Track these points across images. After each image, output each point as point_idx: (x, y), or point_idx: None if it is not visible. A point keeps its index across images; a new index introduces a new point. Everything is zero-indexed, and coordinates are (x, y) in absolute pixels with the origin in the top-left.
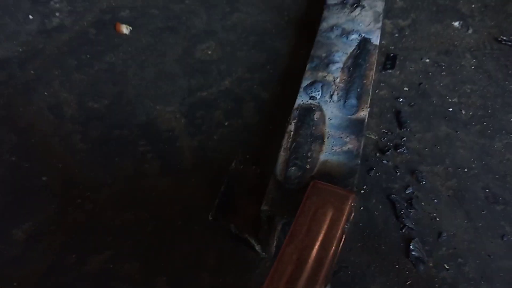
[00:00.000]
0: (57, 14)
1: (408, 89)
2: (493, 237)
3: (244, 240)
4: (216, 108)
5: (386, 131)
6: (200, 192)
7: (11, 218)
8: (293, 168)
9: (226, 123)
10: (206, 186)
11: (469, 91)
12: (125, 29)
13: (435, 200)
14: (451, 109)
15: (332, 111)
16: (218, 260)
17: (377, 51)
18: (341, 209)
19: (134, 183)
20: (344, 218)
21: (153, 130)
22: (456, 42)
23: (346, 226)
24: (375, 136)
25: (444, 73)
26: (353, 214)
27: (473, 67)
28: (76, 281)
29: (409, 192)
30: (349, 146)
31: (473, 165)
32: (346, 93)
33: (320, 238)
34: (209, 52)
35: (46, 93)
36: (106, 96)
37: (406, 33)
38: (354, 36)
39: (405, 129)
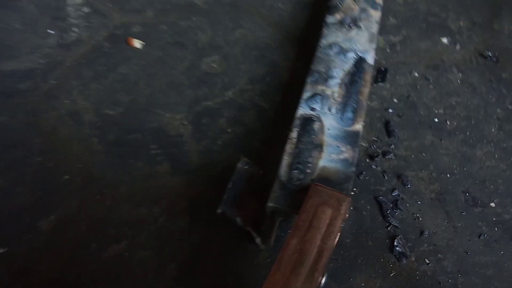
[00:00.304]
0: (74, 29)
1: (397, 101)
2: (471, 235)
3: (247, 233)
4: (220, 116)
5: (376, 139)
6: (205, 190)
7: (38, 212)
8: (295, 171)
9: (229, 130)
10: (211, 185)
11: (454, 103)
12: (137, 44)
13: (419, 202)
14: (436, 120)
15: (330, 123)
16: (221, 250)
17: (371, 69)
18: (338, 210)
19: (147, 181)
20: (341, 217)
21: (163, 135)
22: (444, 57)
23: (341, 225)
24: (365, 144)
25: (431, 86)
26: (348, 214)
27: (459, 81)
28: (97, 266)
29: (395, 194)
30: (345, 155)
31: (455, 171)
32: (343, 107)
33: (320, 233)
34: (214, 65)
35: (66, 101)
36: (121, 104)
37: (397, 48)
38: (351, 55)
39: (393, 137)
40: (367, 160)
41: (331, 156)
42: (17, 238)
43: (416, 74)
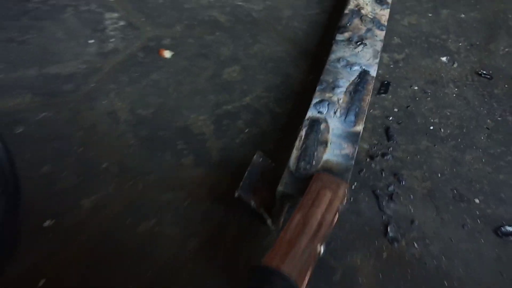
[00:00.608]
0: (112, 40)
1: (397, 110)
2: (456, 226)
3: (259, 215)
4: (238, 119)
5: (377, 142)
6: (223, 180)
7: (80, 192)
8: (302, 162)
9: (246, 130)
10: (229, 177)
11: (448, 114)
12: (167, 54)
13: (411, 196)
14: (432, 128)
15: (335, 124)
16: (237, 231)
17: (373, 81)
18: (337, 193)
19: (174, 171)
20: (338, 199)
21: (188, 133)
22: (442, 74)
23: (339, 206)
24: (367, 145)
25: (429, 98)
26: (346, 199)
27: (454, 95)
28: (130, 238)
29: (390, 189)
30: (346, 151)
31: (445, 172)
32: (346, 111)
33: (321, 210)
34: (234, 75)
35: (104, 102)
36: (152, 106)
37: (400, 65)
38: (356, 68)
39: (392, 141)
40: (368, 160)
41: (334, 152)
42: (63, 213)
43: (416, 88)
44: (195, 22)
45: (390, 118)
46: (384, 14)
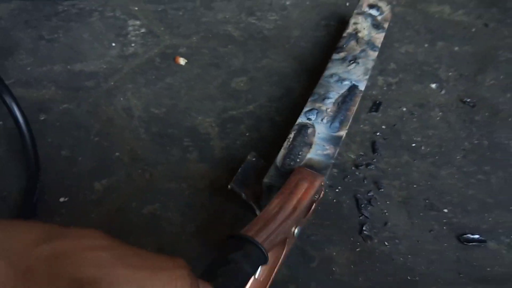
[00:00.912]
0: (132, 45)
1: (385, 127)
2: (424, 230)
3: (250, 206)
4: (242, 123)
5: (363, 154)
6: (223, 175)
7: (94, 176)
8: (287, 159)
9: (247, 134)
10: (228, 172)
11: (431, 134)
12: (182, 61)
13: (388, 202)
14: (414, 145)
15: (321, 129)
16: (231, 218)
17: (361, 94)
18: (313, 184)
19: (179, 164)
20: (314, 189)
21: (195, 132)
22: (430, 99)
23: (315, 196)
24: (353, 156)
25: (415, 119)
26: (322, 191)
27: (438, 118)
28: (135, 219)
29: (370, 195)
30: (328, 151)
31: (421, 184)
32: (333, 118)
33: (297, 197)
34: (242, 84)
35: (121, 99)
36: (164, 106)
37: (393, 87)
38: (346, 82)
39: (377, 154)
40: (353, 168)
41: (317, 152)
42: (77, 192)
43: (404, 109)
44: (210, 34)
45: (378, 133)
46: (378, 37)
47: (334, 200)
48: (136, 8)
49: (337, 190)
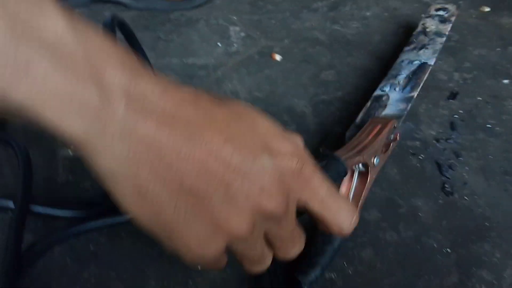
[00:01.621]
0: (234, 45)
1: (462, 112)
2: (500, 190)
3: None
4: (332, 105)
5: (442, 131)
6: (316, 144)
7: None
8: (365, 116)
9: (337, 113)
10: (321, 141)
11: (504, 118)
12: (277, 57)
13: (467, 168)
14: (489, 126)
15: (394, 95)
16: None
17: (431, 68)
18: (386, 125)
19: None
20: (387, 128)
21: (292, 111)
22: (503, 92)
23: (391, 136)
24: (434, 132)
25: (489, 107)
26: (398, 135)
27: (510, 106)
28: None
29: (450, 162)
30: (401, 107)
31: (496, 155)
32: (404, 86)
33: (372, 133)
34: (330, 77)
35: (229, 85)
36: (264, 91)
37: (468, 82)
38: (416, 62)
39: (455, 131)
40: (434, 141)
41: (391, 109)
42: None
43: (479, 98)
44: (300, 38)
45: (455, 115)
46: (446, 27)
47: (418, 165)
48: (235, 17)
49: (420, 157)
